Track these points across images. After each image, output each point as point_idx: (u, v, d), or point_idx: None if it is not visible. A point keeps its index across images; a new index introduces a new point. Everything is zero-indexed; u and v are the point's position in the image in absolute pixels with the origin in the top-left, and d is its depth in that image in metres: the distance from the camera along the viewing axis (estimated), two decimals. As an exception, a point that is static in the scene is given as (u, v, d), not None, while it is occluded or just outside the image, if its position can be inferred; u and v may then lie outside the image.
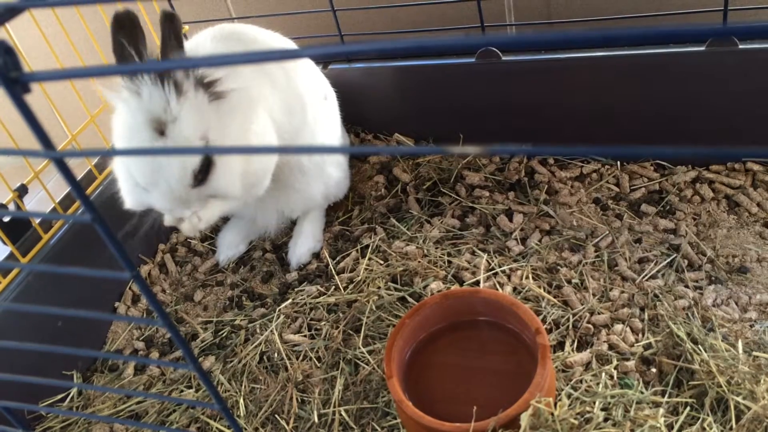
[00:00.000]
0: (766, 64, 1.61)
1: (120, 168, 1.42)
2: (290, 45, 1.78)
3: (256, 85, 1.53)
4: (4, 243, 1.62)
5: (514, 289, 1.53)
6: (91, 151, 0.56)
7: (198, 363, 0.67)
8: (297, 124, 1.65)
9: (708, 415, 1.19)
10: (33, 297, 1.63)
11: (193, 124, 1.33)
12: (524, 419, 1.10)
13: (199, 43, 1.62)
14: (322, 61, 2.00)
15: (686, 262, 1.54)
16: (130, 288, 1.88)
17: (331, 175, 1.83)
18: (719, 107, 1.69)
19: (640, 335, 1.39)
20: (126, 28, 1.28)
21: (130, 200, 1.44)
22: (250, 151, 1.38)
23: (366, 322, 1.53)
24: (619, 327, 1.40)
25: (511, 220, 1.73)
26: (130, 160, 1.37)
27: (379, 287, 1.59)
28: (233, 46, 1.61)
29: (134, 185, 1.40)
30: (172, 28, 1.30)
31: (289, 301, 1.67)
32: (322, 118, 1.77)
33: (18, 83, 0.50)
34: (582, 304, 1.46)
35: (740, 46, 1.60)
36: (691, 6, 1.78)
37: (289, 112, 1.62)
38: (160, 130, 1.31)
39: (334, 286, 1.67)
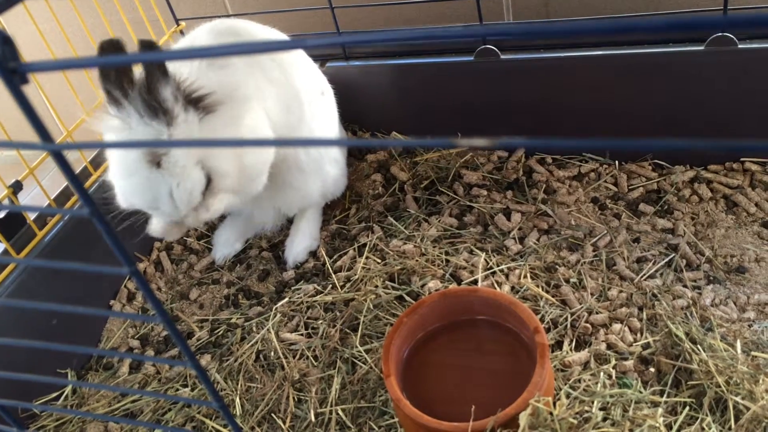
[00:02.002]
0: (765, 63, 1.61)
1: (114, 168, 1.39)
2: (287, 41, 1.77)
3: (252, 81, 1.52)
4: (-1, 240, 1.61)
5: (512, 288, 1.52)
6: (89, 143, 0.55)
7: (196, 360, 0.67)
8: (294, 120, 1.64)
9: (707, 415, 1.19)
10: (27, 295, 1.61)
11: (187, 150, 1.32)
12: (523, 419, 1.09)
13: (195, 37, 1.61)
14: (320, 58, 1.99)
15: (684, 261, 1.53)
16: (125, 286, 1.87)
17: (328, 173, 1.82)
18: (718, 106, 1.69)
19: (639, 335, 1.39)
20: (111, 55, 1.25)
21: (124, 201, 1.42)
22: (241, 144, 1.37)
23: (363, 321, 1.52)
24: (617, 326, 1.40)
25: (509, 219, 1.72)
26: (127, 190, 1.36)
27: (376, 286, 1.58)
28: (230, 41, 1.60)
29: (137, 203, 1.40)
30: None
31: (286, 299, 1.66)
32: (320, 115, 1.76)
33: (16, 74, 0.49)
34: (580, 304, 1.46)
35: (739, 46, 1.60)
36: (689, 5, 1.78)
37: (286, 108, 1.61)
38: (156, 162, 1.30)
39: (331, 285, 1.66)
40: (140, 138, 1.29)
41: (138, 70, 1.29)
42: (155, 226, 1.49)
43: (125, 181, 1.34)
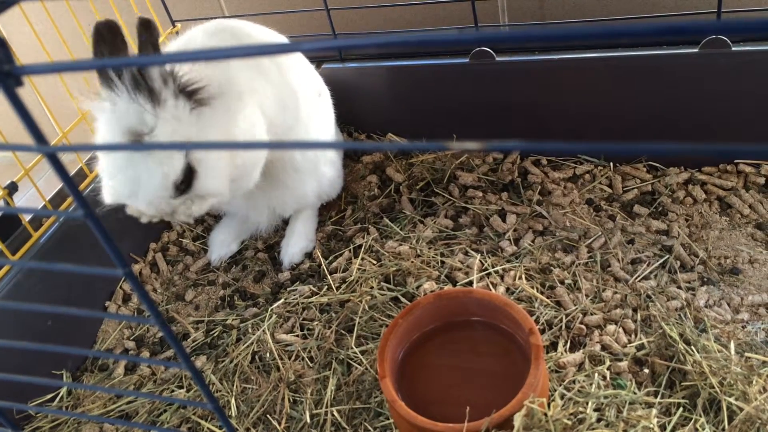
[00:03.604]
0: (758, 66, 1.62)
1: (102, 164, 1.37)
2: (284, 42, 1.77)
3: (248, 80, 1.52)
4: (-6, 241, 1.61)
5: (507, 289, 1.53)
6: (84, 146, 0.55)
7: (191, 361, 0.67)
8: (290, 120, 1.64)
9: (700, 416, 1.20)
10: (22, 296, 1.61)
11: (171, 134, 1.30)
12: (517, 420, 1.09)
13: (191, 37, 1.61)
14: (316, 59, 2.00)
15: (678, 263, 1.54)
16: (120, 287, 1.87)
17: (324, 174, 1.82)
18: (712, 109, 1.70)
19: (633, 336, 1.39)
20: (106, 40, 1.25)
21: (111, 199, 1.40)
22: (232, 146, 1.37)
23: (359, 322, 1.52)
24: (611, 328, 1.40)
25: (504, 221, 1.73)
26: (109, 173, 1.33)
27: (371, 287, 1.58)
28: (226, 41, 1.60)
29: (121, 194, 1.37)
30: (149, 35, 1.27)
31: (282, 300, 1.66)
32: (316, 115, 1.76)
33: (11, 76, 0.49)
34: (575, 305, 1.46)
35: (733, 48, 1.60)
36: (683, 8, 1.79)
37: (282, 108, 1.61)
38: (138, 142, 1.29)
39: (326, 286, 1.66)
40: (125, 114, 1.27)
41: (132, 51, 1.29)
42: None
43: (107, 159, 1.32)
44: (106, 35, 1.24)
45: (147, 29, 1.26)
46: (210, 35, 1.60)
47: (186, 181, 1.34)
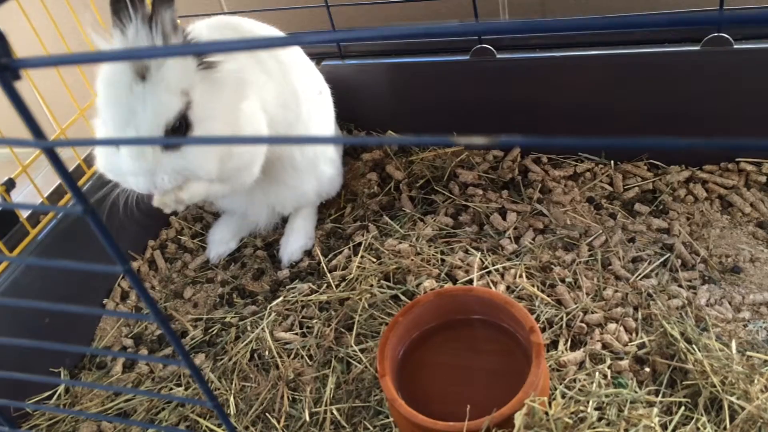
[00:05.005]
0: (760, 64, 1.61)
1: (101, 94, 1.35)
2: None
3: (251, 75, 1.51)
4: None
5: (508, 287, 1.52)
6: (83, 140, 0.54)
7: (190, 358, 0.66)
8: (291, 117, 1.64)
9: (702, 415, 1.19)
10: (19, 294, 1.60)
11: (177, 73, 1.30)
12: (518, 418, 1.09)
13: (194, 31, 1.60)
14: (315, 56, 1.99)
15: (680, 261, 1.53)
16: (118, 285, 1.86)
17: (324, 172, 1.81)
18: (714, 106, 1.69)
19: (634, 334, 1.38)
20: None
21: (101, 162, 1.39)
22: (238, 141, 1.36)
23: (358, 320, 1.52)
24: (612, 326, 1.40)
25: (504, 219, 1.72)
26: (105, 106, 1.32)
27: (371, 285, 1.58)
28: (229, 36, 1.60)
29: (108, 149, 1.37)
30: None
31: (281, 298, 1.65)
32: (317, 113, 1.75)
33: (8, 70, 0.48)
34: (575, 303, 1.45)
35: (735, 46, 1.60)
36: (685, 5, 1.78)
37: (284, 105, 1.61)
38: (142, 74, 1.28)
39: (326, 284, 1.65)
40: (135, 42, 1.28)
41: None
42: (155, 198, 1.44)
43: (106, 90, 1.31)
44: None
45: None
46: (213, 30, 1.60)
47: (179, 131, 1.33)
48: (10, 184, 1.64)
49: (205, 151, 1.36)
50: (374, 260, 1.66)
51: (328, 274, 1.67)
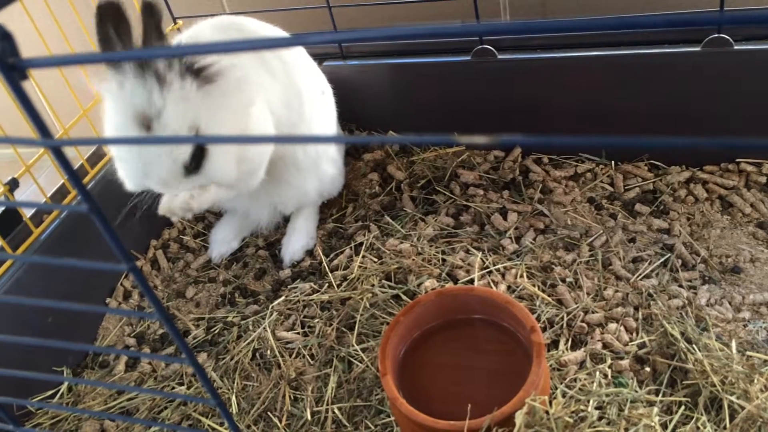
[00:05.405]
0: (760, 65, 1.61)
1: (113, 149, 1.40)
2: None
3: (255, 75, 1.52)
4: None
5: (509, 287, 1.53)
6: (88, 139, 0.55)
7: (193, 355, 0.67)
8: (294, 118, 1.64)
9: (702, 415, 1.20)
10: (23, 292, 1.61)
11: (179, 115, 1.31)
12: (519, 417, 1.09)
13: (198, 31, 1.61)
14: (317, 57, 1.99)
15: (680, 261, 1.54)
16: (121, 284, 1.87)
17: (326, 172, 1.82)
18: (714, 107, 1.70)
19: (634, 334, 1.39)
20: (111, 19, 1.25)
21: (129, 183, 1.42)
22: (243, 140, 1.37)
23: (360, 320, 1.52)
24: (613, 326, 1.40)
25: (505, 219, 1.72)
26: (120, 157, 1.35)
27: (372, 285, 1.58)
28: (233, 37, 1.60)
29: (134, 174, 1.39)
30: (152, 19, 1.28)
31: (282, 298, 1.66)
32: (319, 113, 1.76)
33: (15, 69, 0.49)
34: (576, 303, 1.46)
35: (735, 47, 1.60)
36: (685, 6, 1.79)
37: (287, 105, 1.62)
38: (147, 125, 1.29)
39: (327, 284, 1.66)
40: (132, 96, 1.28)
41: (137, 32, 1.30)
42: (162, 203, 1.46)
43: (118, 147, 1.34)
44: (111, 14, 1.25)
45: (151, 13, 1.27)
46: (217, 30, 1.60)
47: (196, 160, 1.35)
48: (14, 184, 1.64)
49: (225, 162, 1.39)
50: (375, 260, 1.67)
51: (330, 274, 1.67)
